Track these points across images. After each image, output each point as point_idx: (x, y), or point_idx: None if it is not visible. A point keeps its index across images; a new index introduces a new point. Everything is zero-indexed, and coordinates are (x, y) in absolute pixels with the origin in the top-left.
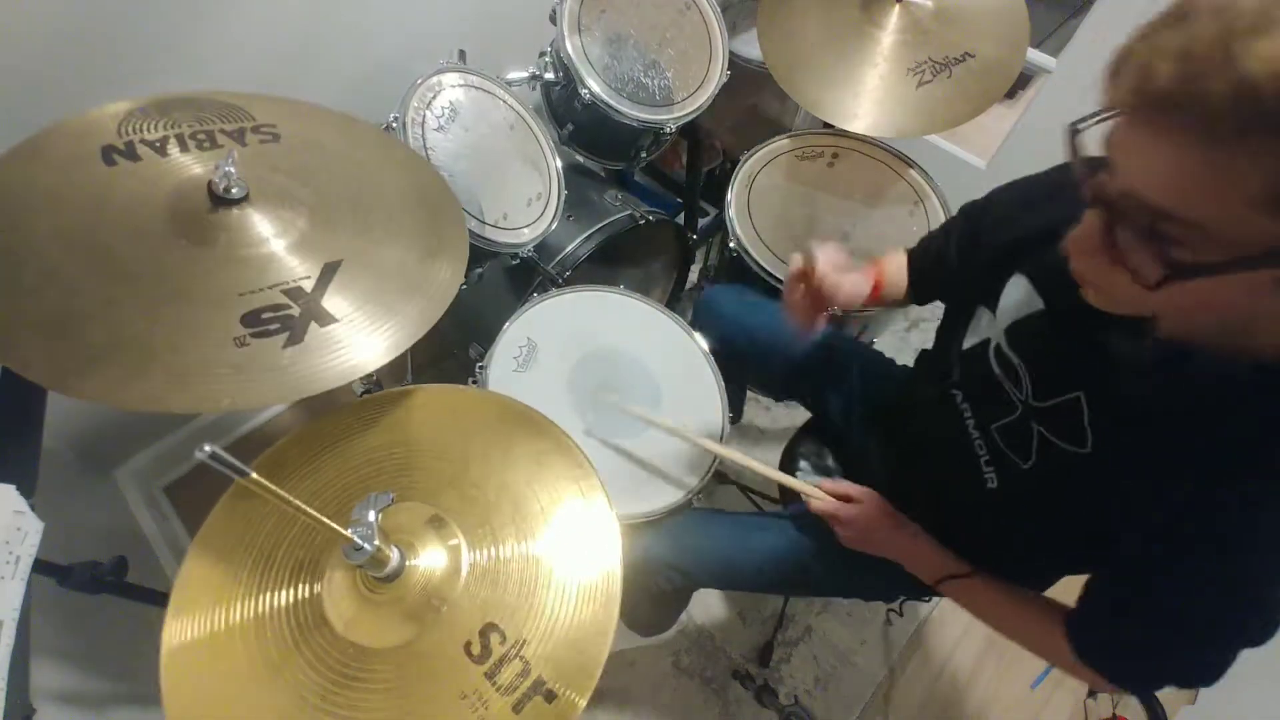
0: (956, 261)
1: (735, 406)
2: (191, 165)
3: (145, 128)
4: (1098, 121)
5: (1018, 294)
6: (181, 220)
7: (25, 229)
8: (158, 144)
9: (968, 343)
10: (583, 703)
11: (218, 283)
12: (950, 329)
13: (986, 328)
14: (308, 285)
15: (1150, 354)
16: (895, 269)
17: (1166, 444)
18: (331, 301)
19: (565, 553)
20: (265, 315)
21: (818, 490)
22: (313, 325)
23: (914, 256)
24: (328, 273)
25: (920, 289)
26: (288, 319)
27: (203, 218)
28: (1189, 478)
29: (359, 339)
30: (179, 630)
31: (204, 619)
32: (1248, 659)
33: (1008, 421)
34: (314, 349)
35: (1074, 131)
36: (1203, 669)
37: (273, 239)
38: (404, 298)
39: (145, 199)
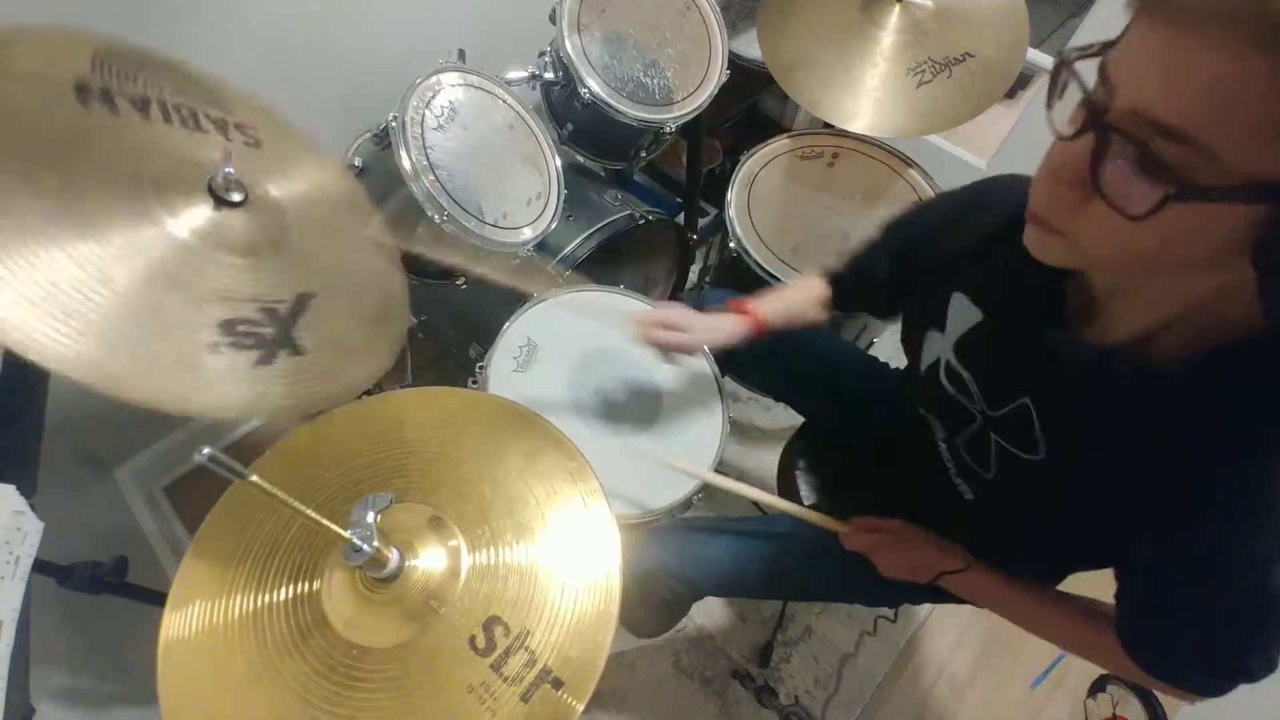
0: (886, 274)
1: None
2: (179, 141)
3: (123, 76)
4: (1100, 49)
5: (958, 310)
6: (168, 200)
7: None
8: (139, 102)
9: (924, 364)
10: (591, 687)
11: (202, 276)
12: (909, 348)
13: (938, 348)
14: (282, 309)
15: (1084, 349)
16: (797, 294)
17: (1117, 442)
18: (301, 333)
19: (565, 552)
20: (241, 328)
21: (847, 528)
22: (283, 353)
23: (833, 274)
24: (301, 302)
25: (844, 302)
26: (261, 337)
27: (195, 208)
28: (1143, 472)
29: (315, 380)
30: (176, 628)
31: (202, 618)
32: None
33: (970, 433)
34: (279, 377)
35: (1064, 60)
36: (1245, 661)
37: (256, 250)
38: (357, 352)
39: (129, 163)
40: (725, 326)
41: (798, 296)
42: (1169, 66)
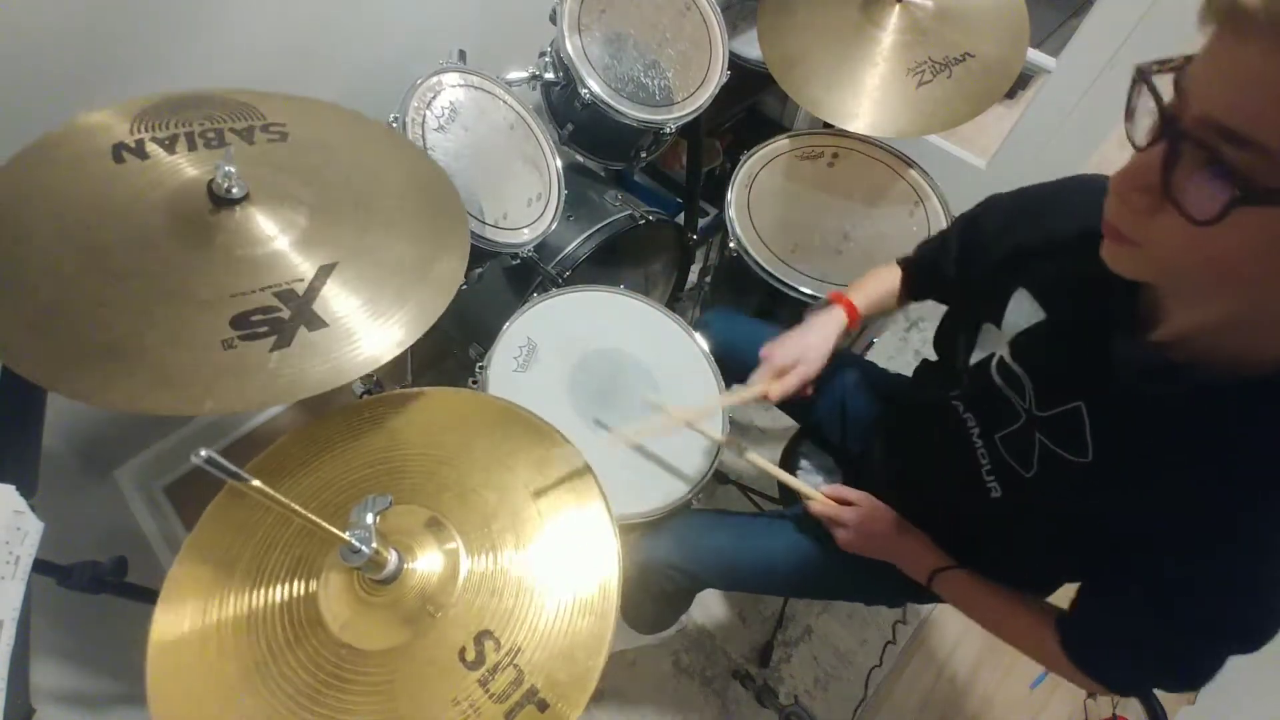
0: (954, 273)
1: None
2: (197, 164)
3: (158, 125)
4: (1180, 64)
5: (1021, 307)
6: (181, 219)
7: (31, 228)
8: (166, 141)
9: (975, 357)
10: (576, 715)
11: (212, 283)
12: (951, 342)
13: (992, 342)
14: (300, 288)
15: (1149, 358)
16: (879, 286)
17: (1164, 454)
18: (323, 305)
19: (563, 561)
20: (255, 318)
21: (816, 493)
22: (301, 330)
23: (909, 265)
24: (322, 275)
25: (916, 293)
26: (277, 322)
27: (203, 217)
28: (1185, 485)
29: (347, 344)
30: (167, 627)
31: (195, 617)
32: (1248, 659)
33: (1011, 431)
34: (300, 353)
35: (1142, 73)
36: (1190, 672)
37: (270, 240)
38: (399, 301)
39: (147, 198)
40: (829, 333)
41: (880, 287)
42: (1234, 74)
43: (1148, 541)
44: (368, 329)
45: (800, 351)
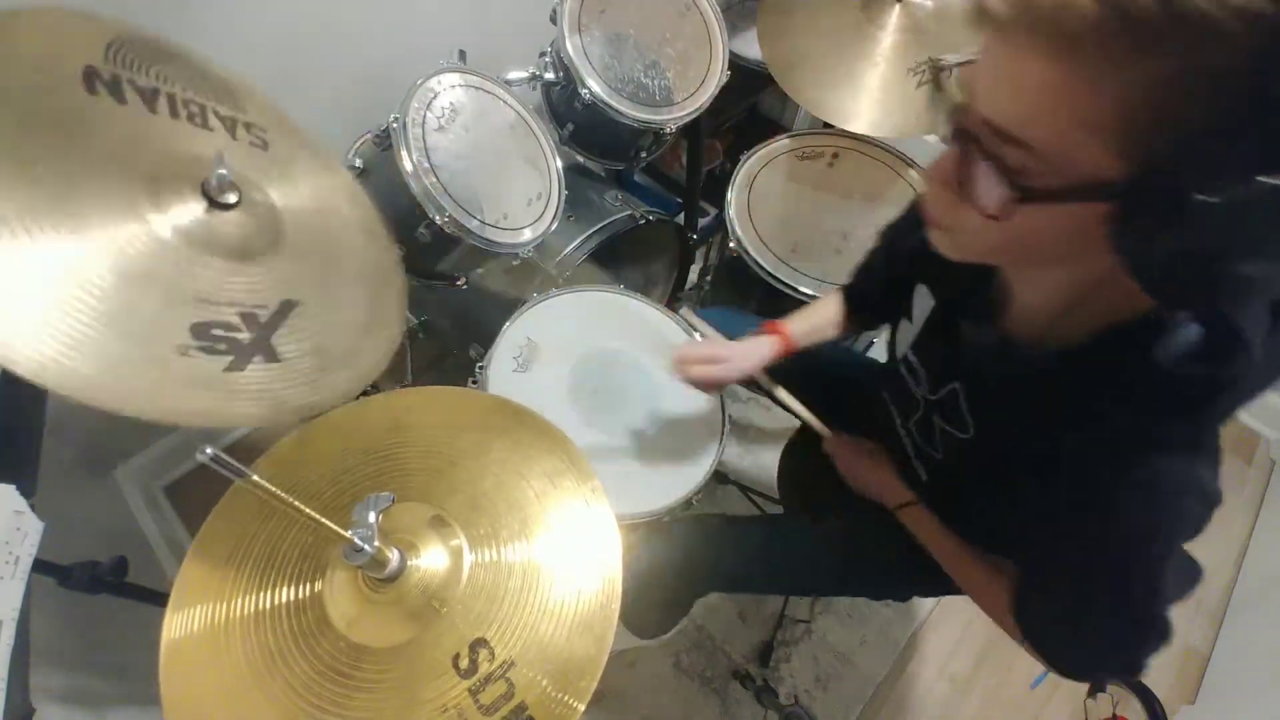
0: (882, 275)
1: None
2: (181, 139)
3: (136, 66)
4: (961, 63)
5: (921, 300)
6: (163, 193)
7: None
8: (148, 94)
9: (900, 352)
10: None
11: (179, 277)
12: (890, 345)
13: (907, 338)
14: (263, 315)
15: (985, 339)
16: (820, 313)
17: (1031, 421)
18: (280, 340)
19: (565, 565)
20: (215, 332)
21: (830, 434)
22: (257, 359)
23: (849, 290)
24: (284, 310)
25: (858, 317)
26: (235, 343)
27: (186, 205)
28: (1056, 453)
29: (292, 386)
30: (179, 627)
31: (204, 617)
32: (1248, 659)
33: (918, 418)
34: (249, 382)
35: (937, 69)
36: (1124, 644)
37: (246, 253)
38: (343, 360)
39: (123, 156)
40: (758, 351)
41: (820, 316)
42: (999, 74)
43: (1046, 513)
44: (311, 378)
45: (728, 354)
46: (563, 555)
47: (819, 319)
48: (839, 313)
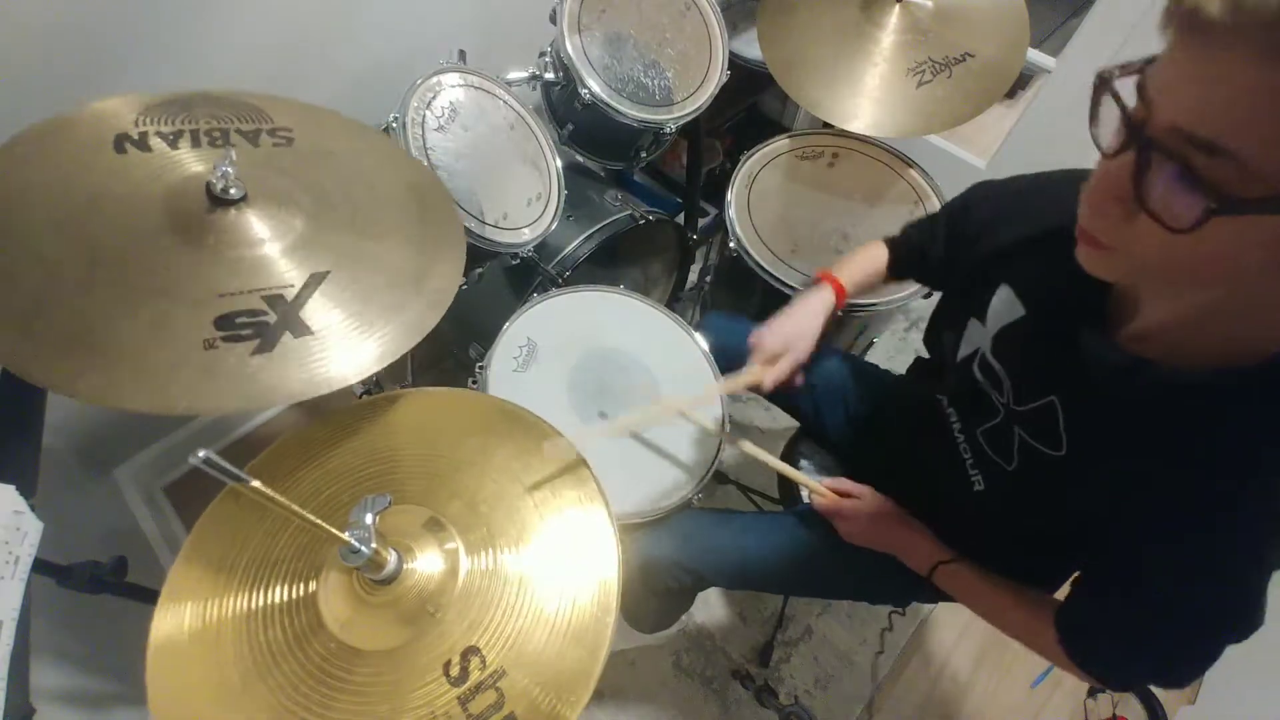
0: (939, 260)
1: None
2: (199, 161)
3: (164, 120)
4: (1140, 67)
5: (1002, 303)
6: (177, 216)
7: (24, 211)
8: (170, 136)
9: (962, 353)
10: None
11: (201, 281)
12: (939, 339)
13: (977, 338)
14: (289, 294)
15: (1116, 355)
16: (866, 264)
17: (1137, 447)
18: (310, 313)
19: (561, 578)
20: (240, 319)
21: (821, 486)
22: (286, 335)
23: (896, 245)
24: (313, 283)
25: (900, 271)
26: (262, 326)
27: (199, 216)
28: (1159, 478)
29: (331, 354)
30: (167, 626)
31: (195, 616)
32: (1248, 660)
33: (991, 426)
34: (282, 360)
35: (1104, 78)
36: (1182, 665)
37: (265, 242)
38: (389, 313)
39: (144, 190)
40: (817, 316)
41: (868, 266)
42: (1199, 81)
43: (1129, 534)
44: (353, 341)
45: (789, 337)
46: (559, 565)
47: (869, 270)
48: (884, 264)
